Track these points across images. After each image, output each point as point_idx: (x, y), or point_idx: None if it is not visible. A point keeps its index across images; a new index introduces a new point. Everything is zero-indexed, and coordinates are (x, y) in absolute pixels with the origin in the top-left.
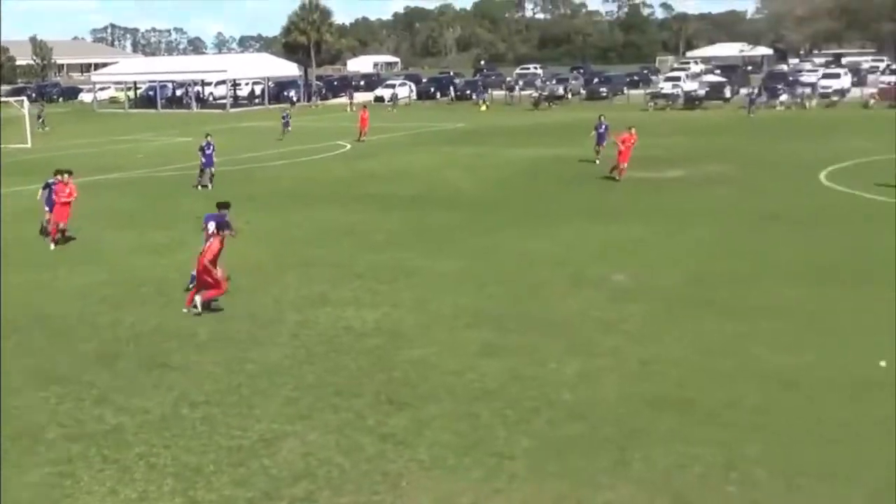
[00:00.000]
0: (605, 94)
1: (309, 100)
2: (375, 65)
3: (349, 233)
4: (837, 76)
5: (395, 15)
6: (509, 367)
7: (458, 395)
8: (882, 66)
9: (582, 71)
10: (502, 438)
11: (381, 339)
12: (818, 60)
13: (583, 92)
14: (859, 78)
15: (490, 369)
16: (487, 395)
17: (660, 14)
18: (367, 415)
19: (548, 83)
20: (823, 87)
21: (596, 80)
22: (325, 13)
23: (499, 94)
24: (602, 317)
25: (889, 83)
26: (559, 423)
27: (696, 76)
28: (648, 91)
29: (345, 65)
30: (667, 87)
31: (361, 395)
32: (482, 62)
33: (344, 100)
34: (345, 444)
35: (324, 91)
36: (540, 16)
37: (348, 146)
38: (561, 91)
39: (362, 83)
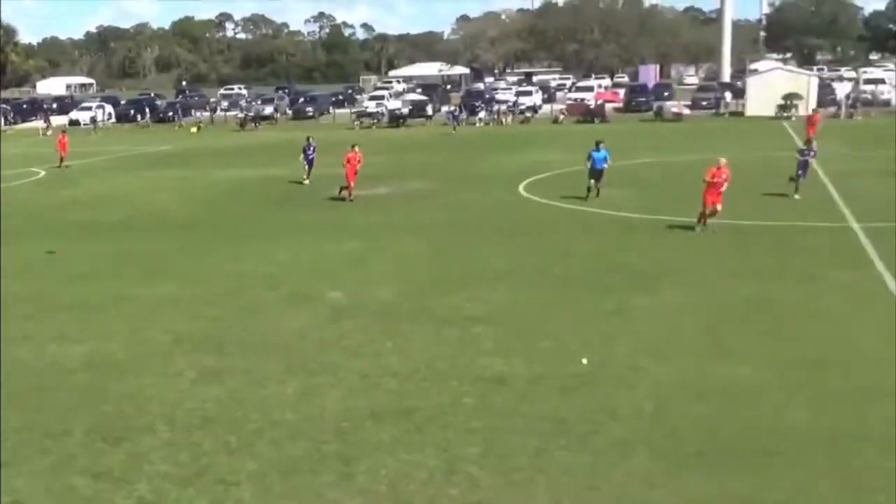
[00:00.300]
0: (311, 114)
1: None
2: (68, 86)
3: (51, 263)
4: (530, 93)
5: (88, 34)
6: (229, 392)
7: (178, 425)
8: (568, 83)
9: (287, 90)
10: (226, 464)
11: (91, 373)
12: (511, 79)
13: (289, 112)
14: (549, 95)
15: (209, 395)
16: (208, 422)
17: (361, 34)
18: (79, 454)
19: (253, 103)
20: (519, 104)
21: (302, 99)
22: (10, 32)
23: (205, 115)
24: (320, 335)
25: (576, 99)
26: (282, 443)
27: (399, 95)
28: (354, 110)
29: (34, 87)
30: (371, 106)
31: (72, 434)
32: (184, 83)
33: (36, 124)
34: (57, 487)
35: (12, 115)
36: (241, 35)
37: (43, 172)
38: (267, 111)
39: (55, 106)
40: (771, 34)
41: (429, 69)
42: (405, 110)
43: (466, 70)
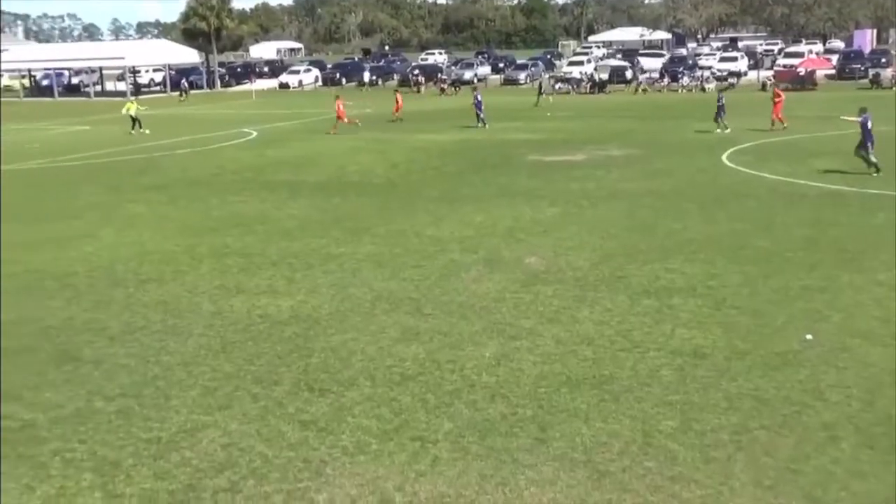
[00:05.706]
0: (522, 81)
1: (212, 87)
2: (279, 51)
3: (261, 221)
4: (734, 59)
5: (297, 1)
6: (428, 351)
7: (378, 381)
8: (776, 48)
9: (486, 55)
10: (424, 422)
11: (298, 326)
12: (715, 44)
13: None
14: (755, 61)
15: (409, 354)
16: (407, 380)
17: None
18: (287, 402)
19: (453, 69)
20: (721, 70)
21: (501, 64)
22: None
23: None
24: (515, 299)
25: (785, 66)
26: (479, 404)
27: (599, 59)
28: (551, 75)
29: (247, 51)
30: (573, 72)
31: (280, 383)
32: (386, 47)
33: (249, 86)
34: (266, 432)
35: (227, 77)
36: (442, 1)
37: (255, 133)
38: (467, 76)
39: (266, 69)
40: None
41: (629, 34)
42: (605, 76)
43: (668, 35)
